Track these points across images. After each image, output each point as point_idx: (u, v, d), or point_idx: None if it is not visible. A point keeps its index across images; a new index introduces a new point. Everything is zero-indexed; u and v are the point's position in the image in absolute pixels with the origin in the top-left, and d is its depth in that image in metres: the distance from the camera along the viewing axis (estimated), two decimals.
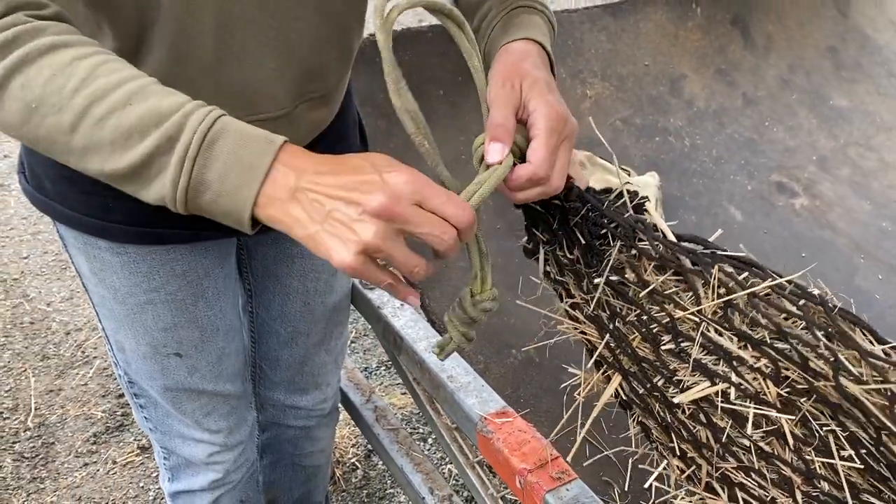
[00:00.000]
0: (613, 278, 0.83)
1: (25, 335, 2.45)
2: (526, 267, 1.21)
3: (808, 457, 0.74)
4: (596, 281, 0.85)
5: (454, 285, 1.59)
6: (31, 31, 0.65)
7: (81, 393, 2.25)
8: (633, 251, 0.82)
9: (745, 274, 0.78)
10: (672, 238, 0.82)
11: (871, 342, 0.73)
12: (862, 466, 0.71)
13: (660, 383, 0.82)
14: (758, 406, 0.75)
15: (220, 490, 1.23)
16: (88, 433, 2.12)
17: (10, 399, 2.23)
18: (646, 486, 1.13)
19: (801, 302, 0.75)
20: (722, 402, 0.76)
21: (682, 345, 0.79)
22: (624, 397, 0.90)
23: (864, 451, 0.70)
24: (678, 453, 0.85)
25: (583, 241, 0.85)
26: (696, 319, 0.78)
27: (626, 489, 1.32)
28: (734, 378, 0.76)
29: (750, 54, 2.16)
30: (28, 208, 3.04)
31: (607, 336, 0.86)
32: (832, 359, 0.70)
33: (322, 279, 1.17)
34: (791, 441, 0.74)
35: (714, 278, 0.76)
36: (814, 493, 0.74)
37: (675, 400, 0.80)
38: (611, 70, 1.99)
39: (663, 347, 0.81)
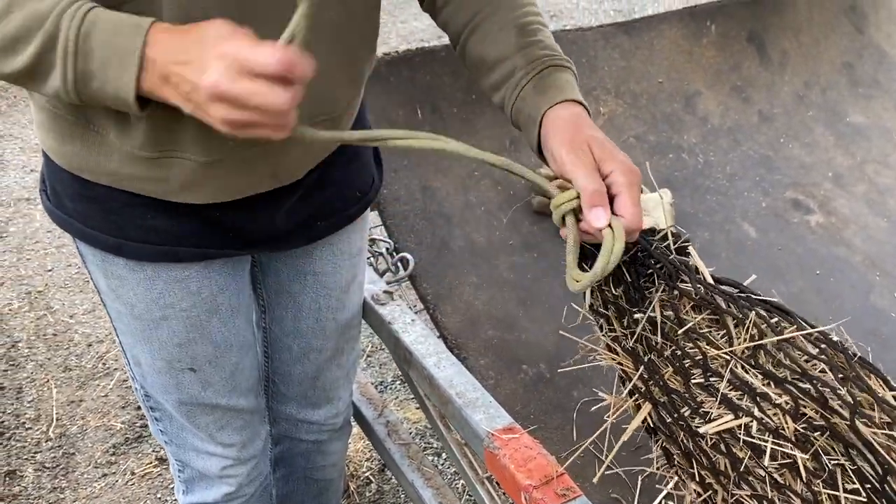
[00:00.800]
0: (653, 314, 0.88)
1: (48, 346, 2.50)
2: (538, 283, 1.22)
3: (816, 488, 0.76)
4: (636, 316, 0.90)
5: (466, 301, 1.60)
6: None
7: (102, 404, 2.29)
8: (675, 291, 0.87)
9: (776, 319, 0.83)
10: (710, 280, 0.87)
11: (883, 388, 0.77)
12: (865, 500, 0.73)
13: (686, 414, 0.86)
14: (776, 440, 0.78)
15: (234, 503, 1.25)
16: (108, 444, 2.16)
17: (33, 409, 2.27)
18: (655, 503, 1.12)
19: (823, 346, 0.80)
20: (743, 434, 0.80)
21: (711, 380, 0.84)
22: (651, 424, 0.93)
23: (868, 486, 0.72)
24: (697, 479, 0.87)
25: (629, 279, 0.91)
26: (727, 357, 0.83)
27: None
28: (756, 413, 0.79)
29: (765, 71, 2.16)
30: (53, 222, 3.10)
31: (641, 368, 0.90)
32: (850, 401, 0.74)
33: (334, 296, 1.19)
34: (804, 474, 0.76)
35: (750, 322, 0.81)
36: None
37: (701, 430, 0.83)
38: (624, 87, 2.00)
39: (693, 381, 0.85)
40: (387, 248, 1.54)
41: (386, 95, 1.71)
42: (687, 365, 0.85)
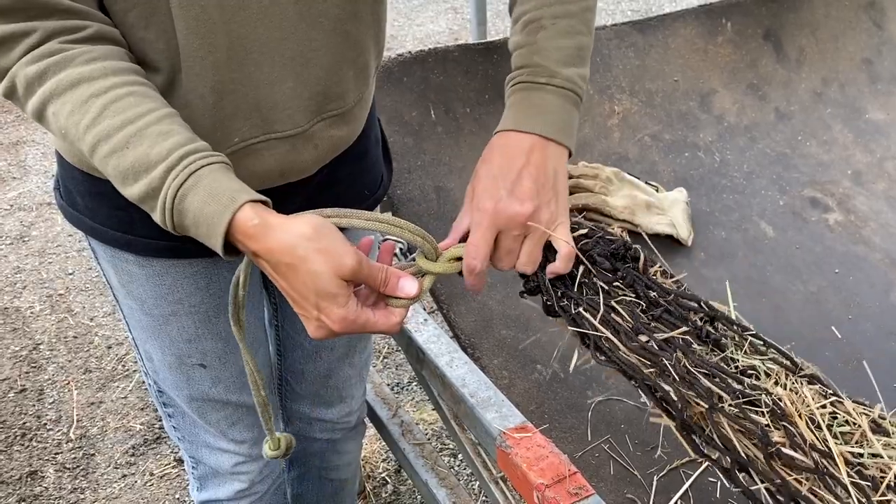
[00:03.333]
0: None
1: (69, 349, 2.53)
2: None
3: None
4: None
5: (480, 301, 1.60)
6: (60, 63, 0.73)
7: (121, 406, 2.32)
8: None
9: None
10: (615, 341, 0.85)
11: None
12: None
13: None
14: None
15: (247, 500, 1.26)
16: (127, 445, 2.18)
17: (54, 411, 2.30)
18: None
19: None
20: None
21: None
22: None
23: None
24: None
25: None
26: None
27: None
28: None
29: (782, 68, 2.14)
30: (66, 219, 3.14)
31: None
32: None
33: None
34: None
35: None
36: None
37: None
38: (639, 86, 1.99)
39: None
40: (400, 249, 1.54)
41: (399, 96, 1.71)
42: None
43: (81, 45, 0.74)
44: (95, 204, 0.95)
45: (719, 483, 1.33)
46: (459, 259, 0.88)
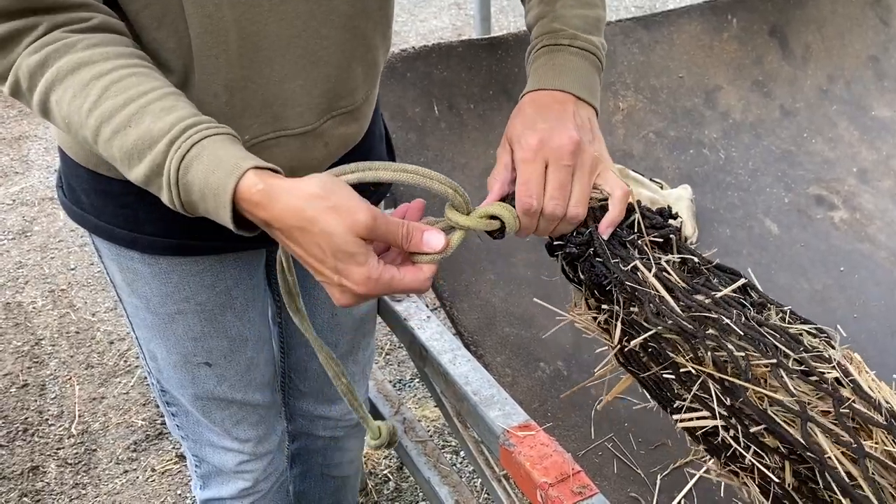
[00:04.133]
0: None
1: (71, 344, 2.53)
2: (555, 280, 1.21)
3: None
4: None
5: (483, 298, 1.59)
6: (61, 50, 0.71)
7: (123, 401, 2.32)
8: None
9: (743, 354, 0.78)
10: (670, 301, 0.81)
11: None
12: None
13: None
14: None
15: (250, 498, 1.26)
16: (129, 441, 2.18)
17: (56, 406, 2.30)
18: (674, 503, 1.10)
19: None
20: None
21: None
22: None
23: None
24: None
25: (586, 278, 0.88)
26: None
27: None
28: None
29: (788, 65, 2.12)
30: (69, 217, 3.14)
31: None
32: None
33: None
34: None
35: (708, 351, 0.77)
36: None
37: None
38: (644, 82, 1.98)
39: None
40: None
41: (402, 91, 1.71)
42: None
43: (83, 33, 0.73)
44: (101, 202, 0.94)
45: (722, 482, 1.32)
46: (492, 217, 0.82)
